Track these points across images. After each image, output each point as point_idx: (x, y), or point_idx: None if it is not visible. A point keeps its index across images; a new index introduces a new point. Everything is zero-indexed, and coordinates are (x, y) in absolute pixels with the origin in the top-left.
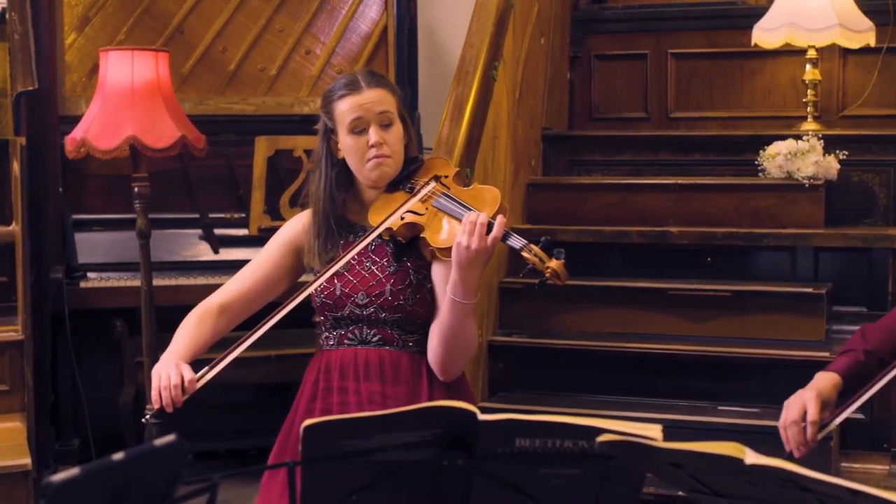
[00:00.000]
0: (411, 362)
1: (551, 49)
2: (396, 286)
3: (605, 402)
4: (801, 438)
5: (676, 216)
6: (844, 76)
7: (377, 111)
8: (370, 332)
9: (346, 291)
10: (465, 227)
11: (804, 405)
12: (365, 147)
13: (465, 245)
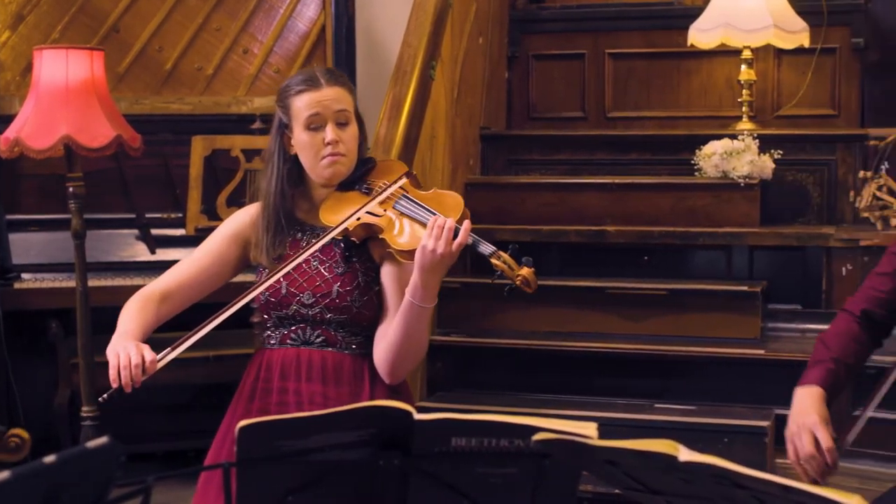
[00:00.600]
0: (354, 364)
1: (489, 48)
2: (344, 287)
3: (543, 401)
4: (822, 468)
5: (614, 215)
6: (779, 76)
7: (335, 109)
8: (313, 332)
9: (292, 290)
10: (433, 231)
11: (813, 434)
12: (320, 144)
13: (430, 249)
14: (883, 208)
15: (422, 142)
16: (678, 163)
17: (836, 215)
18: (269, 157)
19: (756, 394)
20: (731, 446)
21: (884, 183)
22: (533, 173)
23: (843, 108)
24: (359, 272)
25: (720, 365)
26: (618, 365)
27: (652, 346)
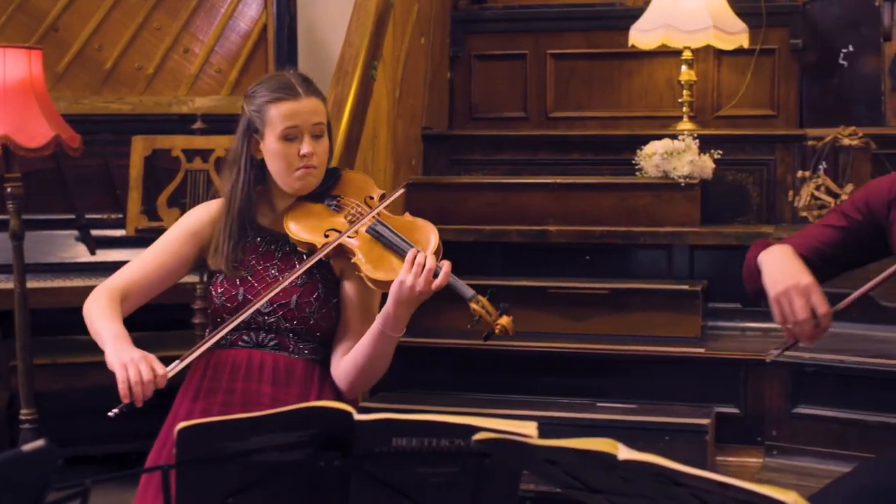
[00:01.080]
0: (305, 368)
1: (431, 49)
2: (303, 298)
3: (485, 401)
4: (812, 331)
5: (556, 215)
6: (719, 77)
7: (313, 122)
8: (267, 336)
9: (249, 297)
10: (413, 268)
11: (808, 296)
12: (294, 156)
13: (409, 285)
14: (821, 207)
15: (363, 142)
16: (620, 163)
17: (775, 215)
18: (234, 160)
19: (697, 392)
20: (673, 444)
21: (822, 183)
22: (475, 173)
23: (782, 108)
24: (319, 284)
25: (661, 363)
26: (560, 364)
27: (594, 345)
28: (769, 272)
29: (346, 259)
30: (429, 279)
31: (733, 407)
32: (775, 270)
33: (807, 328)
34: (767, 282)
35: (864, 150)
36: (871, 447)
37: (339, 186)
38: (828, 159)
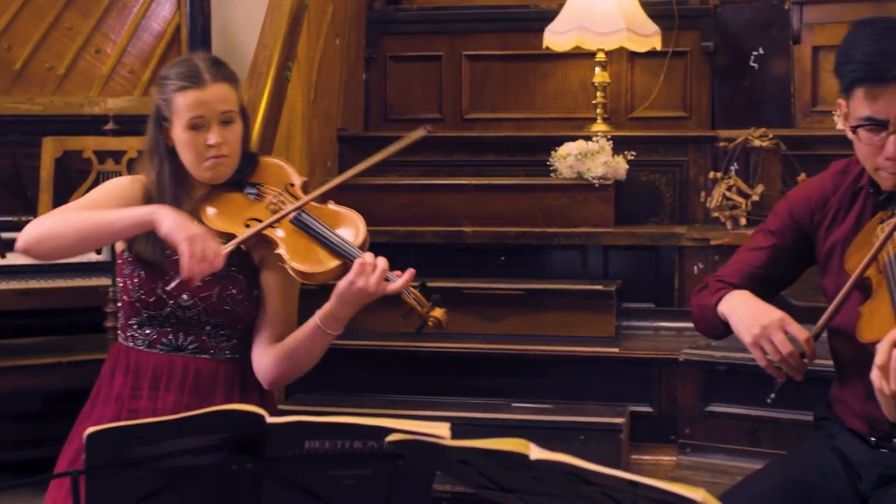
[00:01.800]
0: (227, 373)
1: (346, 50)
2: (225, 291)
3: (401, 402)
4: (800, 363)
5: (471, 216)
6: (632, 79)
7: (220, 110)
8: (186, 338)
9: (166, 291)
10: (363, 269)
11: (784, 329)
12: (203, 145)
13: (359, 286)
14: (732, 208)
15: (278, 143)
16: (535, 164)
17: (687, 215)
18: (152, 149)
19: (611, 391)
20: (587, 444)
21: (733, 183)
22: (391, 174)
23: (695, 110)
24: (239, 276)
25: (576, 363)
26: (475, 365)
27: (509, 345)
28: (738, 320)
29: (269, 250)
30: (379, 279)
31: (647, 406)
32: (744, 316)
33: (794, 361)
34: (741, 330)
35: (774, 152)
36: (783, 444)
37: (257, 173)
38: (739, 160)
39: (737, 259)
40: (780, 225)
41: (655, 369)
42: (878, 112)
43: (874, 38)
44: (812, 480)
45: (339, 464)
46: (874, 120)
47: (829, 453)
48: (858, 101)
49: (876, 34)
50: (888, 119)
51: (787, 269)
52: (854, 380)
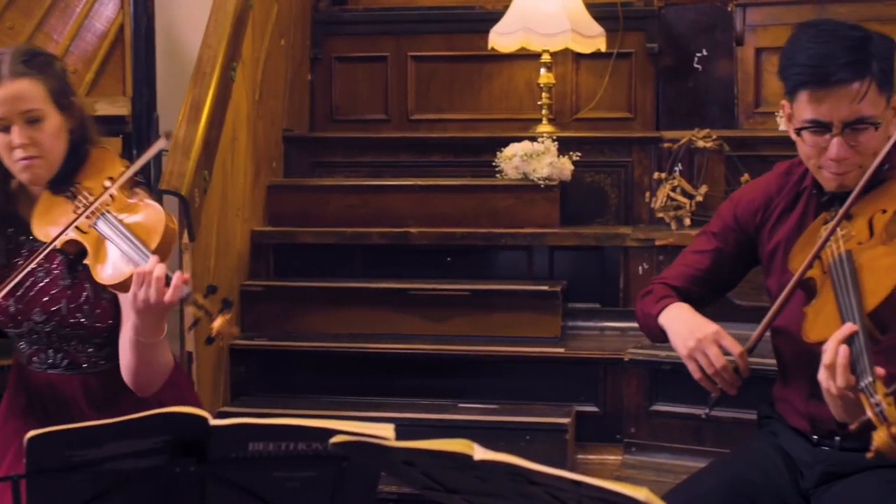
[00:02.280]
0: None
1: (291, 50)
2: (73, 302)
3: (347, 403)
4: (734, 377)
5: (417, 217)
6: (578, 80)
7: (22, 109)
8: (56, 356)
9: (20, 308)
10: (141, 280)
11: (718, 344)
12: (9, 147)
13: (142, 299)
14: (677, 208)
15: (223, 144)
16: (480, 165)
17: (632, 215)
18: None
19: (557, 391)
20: (533, 444)
21: (677, 184)
22: (337, 175)
23: (639, 111)
24: (86, 283)
25: (522, 364)
26: (421, 365)
27: (455, 346)
28: (675, 333)
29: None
30: (160, 289)
31: (593, 405)
32: (680, 329)
33: (727, 375)
34: (677, 343)
35: (717, 152)
36: (727, 443)
37: (82, 169)
38: (683, 161)
39: (681, 261)
40: (722, 227)
41: (601, 369)
42: (822, 115)
43: (817, 40)
44: (755, 479)
45: (284, 465)
46: (818, 122)
47: (772, 451)
48: (802, 104)
49: (819, 37)
50: (831, 121)
51: (729, 271)
52: (796, 379)
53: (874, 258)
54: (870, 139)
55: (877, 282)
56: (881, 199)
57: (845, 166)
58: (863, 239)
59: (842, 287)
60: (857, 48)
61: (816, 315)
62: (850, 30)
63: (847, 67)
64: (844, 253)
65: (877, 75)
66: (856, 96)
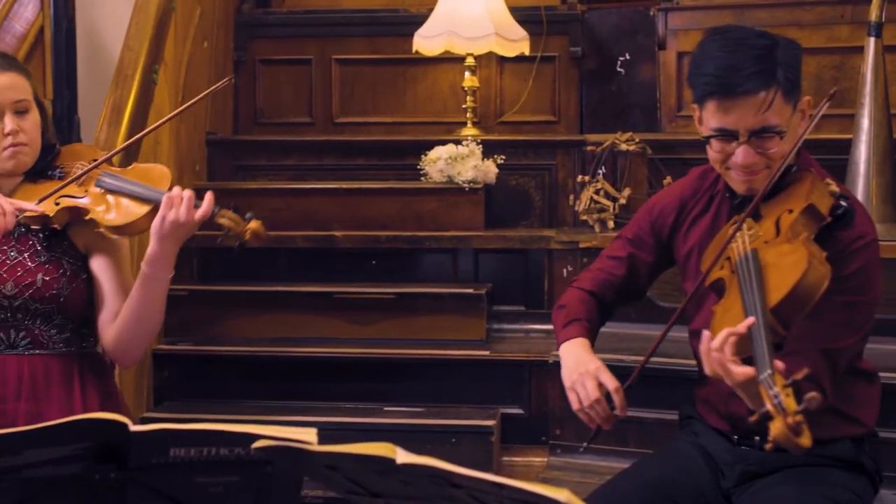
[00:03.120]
0: (63, 367)
1: (215, 53)
2: (49, 275)
3: (272, 408)
4: (608, 412)
5: (342, 220)
6: (502, 83)
7: (12, 99)
8: (18, 335)
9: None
10: (171, 202)
11: (597, 379)
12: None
13: (171, 220)
14: (600, 211)
15: (145, 147)
16: (405, 168)
17: (557, 218)
18: None
19: (482, 394)
20: (459, 446)
21: (601, 187)
22: (260, 179)
23: (563, 114)
24: (63, 260)
25: (448, 366)
26: (347, 369)
27: (380, 349)
28: (564, 366)
29: (85, 225)
30: (190, 207)
31: (518, 408)
32: (569, 362)
33: (599, 408)
34: (564, 375)
35: (640, 155)
36: (650, 443)
37: (59, 158)
38: (606, 164)
39: (598, 265)
40: (637, 232)
41: (526, 371)
42: (729, 124)
43: (724, 49)
44: (676, 478)
45: (206, 471)
46: (725, 131)
47: (694, 451)
48: (710, 113)
49: (726, 45)
50: (738, 130)
51: (645, 276)
52: (715, 380)
53: (779, 255)
54: (776, 145)
55: (780, 278)
56: (789, 199)
57: (753, 171)
58: (769, 238)
59: (747, 284)
60: (764, 57)
61: (724, 313)
62: (757, 38)
63: (753, 77)
64: (750, 251)
65: (783, 84)
66: (762, 106)
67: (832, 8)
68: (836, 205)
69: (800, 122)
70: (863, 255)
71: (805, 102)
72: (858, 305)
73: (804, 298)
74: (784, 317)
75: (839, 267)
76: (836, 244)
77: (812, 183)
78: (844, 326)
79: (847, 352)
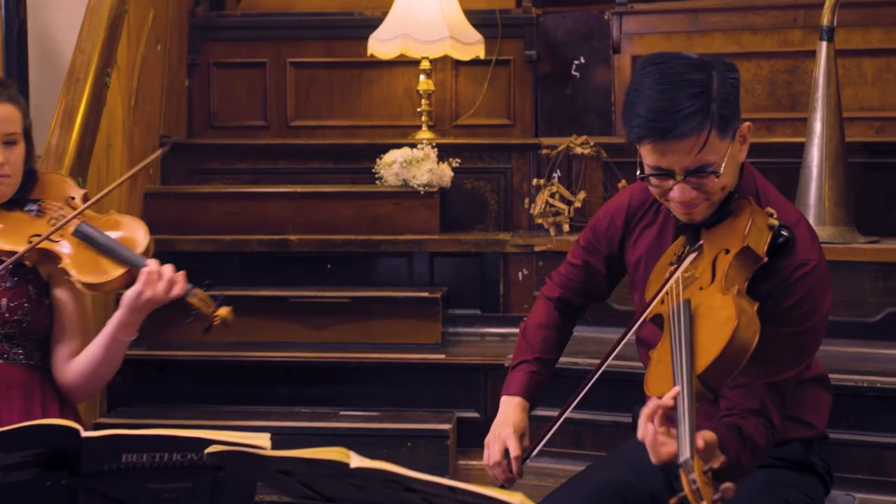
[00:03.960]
0: (23, 375)
1: (168, 56)
2: (14, 301)
3: (227, 413)
4: (508, 474)
5: (297, 224)
6: (457, 87)
7: (5, 131)
8: None
9: None
10: (150, 278)
11: (504, 443)
12: None
13: (147, 296)
14: (555, 214)
15: (97, 151)
16: (360, 171)
17: (512, 222)
18: None
19: (438, 398)
20: (415, 450)
21: (556, 190)
22: (215, 182)
23: (518, 117)
24: (28, 286)
25: (403, 370)
26: (302, 373)
27: (336, 353)
28: (495, 421)
29: (54, 265)
30: (168, 288)
31: (474, 411)
32: (496, 419)
33: (499, 471)
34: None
35: (595, 159)
36: (605, 446)
37: (37, 190)
38: (562, 167)
39: (562, 269)
40: (588, 241)
41: (482, 375)
42: (664, 164)
43: (659, 87)
44: (630, 480)
45: (159, 477)
46: (661, 170)
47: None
48: (646, 152)
49: (661, 83)
50: (674, 169)
51: (600, 283)
52: None
53: (711, 309)
54: (713, 182)
55: (709, 339)
56: (727, 236)
57: (692, 205)
58: (704, 284)
59: (677, 342)
60: (699, 94)
61: (657, 364)
62: (694, 71)
63: (686, 119)
64: (683, 302)
65: (717, 123)
66: (695, 147)
67: (785, 12)
68: (774, 241)
69: (740, 147)
70: (806, 283)
71: (745, 128)
72: (804, 334)
73: (732, 361)
74: (711, 382)
75: (782, 298)
76: (778, 274)
77: (751, 216)
78: (790, 357)
79: (794, 379)
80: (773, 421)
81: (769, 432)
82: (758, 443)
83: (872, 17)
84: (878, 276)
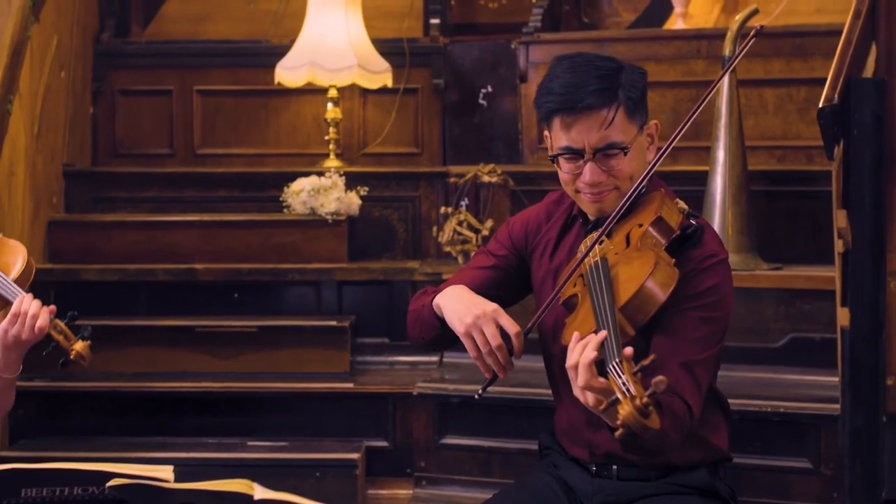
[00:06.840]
0: None
1: (73, 83)
2: None
3: (133, 444)
4: (507, 359)
5: (203, 253)
6: (365, 115)
7: None
8: None
9: None
10: (15, 318)
11: (496, 322)
12: None
13: (14, 335)
14: (463, 242)
15: None
16: (267, 200)
17: (420, 250)
18: None
19: (347, 427)
20: (323, 480)
21: (464, 218)
22: (120, 211)
23: (426, 146)
24: None
25: (311, 400)
26: (209, 404)
27: (243, 383)
28: (452, 311)
29: None
30: (32, 326)
31: (383, 440)
32: (458, 308)
33: (501, 355)
34: (453, 320)
35: (502, 187)
36: (513, 473)
37: None
38: (469, 195)
39: (458, 277)
40: (501, 248)
41: (390, 403)
42: (574, 141)
43: (570, 70)
44: None
45: None
46: (571, 149)
47: (553, 482)
48: (556, 132)
49: (573, 67)
50: (583, 148)
51: (507, 289)
52: (572, 407)
53: (627, 261)
54: (621, 164)
55: (628, 279)
56: (638, 216)
57: (600, 189)
58: (619, 250)
59: (596, 290)
60: (607, 77)
61: (575, 323)
62: (603, 61)
63: (595, 94)
64: (600, 259)
65: (625, 103)
66: (604, 122)
67: (688, 43)
68: (686, 222)
69: (648, 146)
70: (716, 272)
71: (652, 126)
72: (714, 321)
73: (652, 297)
74: (632, 315)
75: (694, 284)
76: (689, 262)
77: (661, 200)
78: (702, 341)
79: (704, 365)
80: (688, 403)
81: (687, 413)
82: (677, 412)
83: (773, 48)
84: (780, 303)
